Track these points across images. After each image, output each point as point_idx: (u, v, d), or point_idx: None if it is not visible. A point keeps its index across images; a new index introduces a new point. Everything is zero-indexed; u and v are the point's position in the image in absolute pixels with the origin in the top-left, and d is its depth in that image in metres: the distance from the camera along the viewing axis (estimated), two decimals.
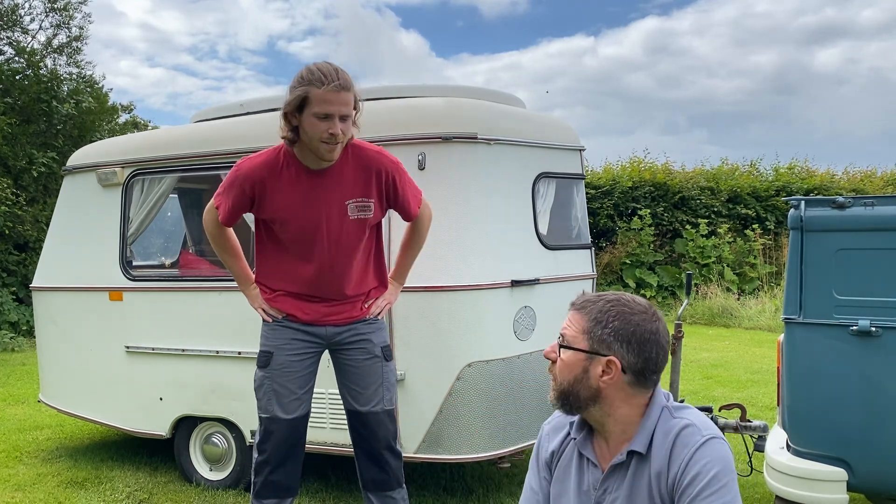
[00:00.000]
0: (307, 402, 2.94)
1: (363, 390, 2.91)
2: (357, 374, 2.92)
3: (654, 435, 1.60)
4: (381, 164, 2.74)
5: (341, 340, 2.92)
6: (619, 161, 15.85)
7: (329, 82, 2.49)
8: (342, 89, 2.51)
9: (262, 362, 2.89)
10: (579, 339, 1.62)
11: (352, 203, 2.71)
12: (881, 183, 15.63)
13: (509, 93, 4.46)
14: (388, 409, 2.95)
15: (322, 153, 2.60)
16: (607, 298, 1.63)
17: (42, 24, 13.29)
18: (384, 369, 2.93)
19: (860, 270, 2.99)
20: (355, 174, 2.72)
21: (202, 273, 4.80)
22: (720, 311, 11.98)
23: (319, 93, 2.50)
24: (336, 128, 2.52)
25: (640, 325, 1.59)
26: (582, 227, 4.61)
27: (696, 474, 1.50)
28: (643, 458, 1.60)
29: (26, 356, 9.34)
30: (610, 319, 1.60)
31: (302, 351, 2.89)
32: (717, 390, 7.03)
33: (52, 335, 4.92)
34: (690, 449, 1.53)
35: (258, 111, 4.47)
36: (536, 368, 3.94)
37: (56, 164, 11.52)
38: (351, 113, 2.58)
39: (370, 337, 2.92)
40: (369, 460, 2.95)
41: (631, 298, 1.64)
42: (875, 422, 2.95)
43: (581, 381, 1.62)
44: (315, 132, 2.54)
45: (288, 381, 2.86)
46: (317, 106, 2.51)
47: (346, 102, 2.53)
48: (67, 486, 4.47)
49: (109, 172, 4.59)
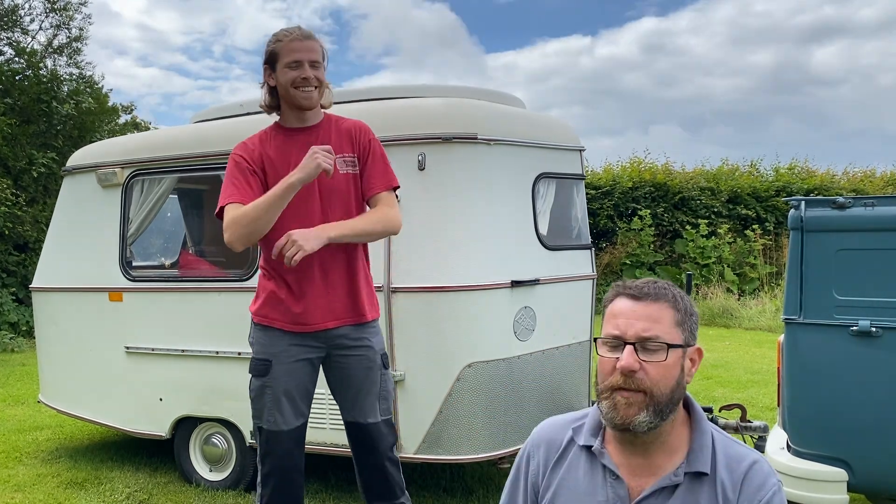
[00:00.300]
0: (307, 410, 2.84)
1: (361, 401, 2.81)
2: (357, 383, 2.81)
3: (716, 455, 1.45)
4: (359, 127, 2.85)
5: (343, 344, 2.79)
6: (619, 161, 15.88)
7: (292, 34, 2.70)
8: (306, 38, 2.70)
9: (260, 371, 2.76)
10: (674, 333, 1.44)
11: (339, 158, 2.76)
12: (881, 183, 15.63)
13: (509, 93, 4.46)
14: (387, 418, 2.86)
15: (299, 100, 2.71)
16: (662, 283, 1.49)
17: (42, 25, 13.33)
18: (383, 378, 2.84)
19: (860, 271, 2.99)
20: (338, 136, 2.81)
21: (202, 273, 4.80)
22: (720, 311, 11.99)
23: (286, 44, 2.69)
24: (307, 72, 2.68)
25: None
26: (582, 227, 4.61)
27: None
28: (700, 479, 1.43)
29: (26, 357, 9.33)
30: (689, 306, 1.47)
31: (303, 356, 2.77)
32: (717, 391, 7.03)
33: (51, 336, 4.92)
34: (767, 493, 1.40)
35: (258, 111, 4.46)
36: (536, 369, 3.94)
37: (56, 165, 11.52)
38: (319, 60, 2.73)
39: (371, 343, 2.81)
40: (371, 473, 2.89)
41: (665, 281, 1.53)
42: (875, 422, 2.95)
43: (679, 384, 1.44)
44: (287, 79, 2.69)
45: (290, 391, 2.75)
46: (286, 56, 2.68)
47: (311, 49, 2.70)
48: (67, 486, 4.47)
49: (109, 173, 4.59)
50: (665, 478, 1.44)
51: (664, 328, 1.43)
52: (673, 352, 1.42)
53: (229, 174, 2.73)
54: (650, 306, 1.44)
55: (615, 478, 1.47)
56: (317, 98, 2.73)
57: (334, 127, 2.82)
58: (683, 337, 1.45)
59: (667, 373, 1.42)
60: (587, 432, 1.54)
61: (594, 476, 1.49)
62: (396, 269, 3.71)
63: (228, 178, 2.72)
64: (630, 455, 1.48)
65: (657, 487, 1.44)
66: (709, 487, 1.42)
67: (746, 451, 1.47)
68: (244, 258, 4.24)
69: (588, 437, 1.53)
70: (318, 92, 2.72)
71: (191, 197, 5.41)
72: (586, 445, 1.52)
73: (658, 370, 1.41)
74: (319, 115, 2.81)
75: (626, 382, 1.41)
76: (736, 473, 1.42)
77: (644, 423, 1.40)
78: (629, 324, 1.43)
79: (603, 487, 1.47)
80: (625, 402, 1.41)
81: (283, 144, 2.77)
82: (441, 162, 3.70)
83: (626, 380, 1.41)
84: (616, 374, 1.42)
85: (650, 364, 1.41)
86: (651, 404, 1.40)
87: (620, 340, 1.43)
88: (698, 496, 1.42)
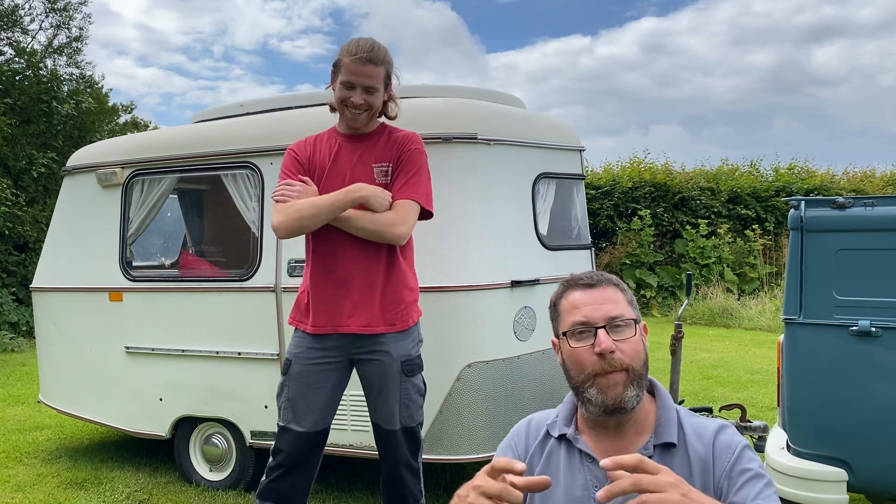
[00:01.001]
0: (326, 417, 2.82)
1: (381, 407, 2.82)
2: (375, 389, 2.81)
3: (683, 428, 1.51)
4: (408, 136, 2.85)
5: (360, 350, 2.79)
6: (619, 161, 15.88)
7: (356, 54, 2.66)
8: (368, 62, 2.66)
9: (284, 369, 2.85)
10: (630, 310, 1.52)
11: (377, 167, 2.78)
12: (881, 183, 15.63)
13: (509, 93, 4.46)
14: (409, 426, 2.84)
15: (346, 117, 2.76)
16: (598, 271, 1.59)
17: (42, 25, 13.31)
18: (404, 385, 2.79)
19: (860, 271, 2.99)
20: (385, 144, 2.83)
21: (202, 273, 4.80)
22: (720, 311, 11.98)
23: (347, 62, 2.67)
24: (357, 97, 2.68)
25: None
26: (582, 227, 4.61)
27: (754, 475, 1.42)
28: (670, 450, 1.49)
29: (26, 357, 9.33)
30: (625, 285, 1.56)
31: (321, 360, 2.78)
32: (717, 391, 7.03)
33: (51, 336, 4.92)
34: (736, 448, 1.46)
35: (258, 111, 4.47)
36: (537, 369, 3.94)
37: (56, 165, 11.52)
38: (377, 86, 2.71)
39: (389, 349, 2.77)
40: (388, 476, 2.92)
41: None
42: (875, 422, 2.95)
43: (646, 356, 1.53)
44: (339, 96, 2.73)
45: (304, 393, 2.78)
46: (343, 74, 2.70)
47: (369, 75, 2.68)
48: (67, 486, 4.47)
49: (109, 173, 4.59)
50: (636, 453, 1.49)
51: (623, 307, 1.51)
52: (637, 327, 1.51)
53: (283, 169, 2.83)
54: (605, 290, 1.52)
55: (591, 460, 1.52)
56: (363, 120, 2.77)
57: (386, 136, 2.84)
58: (636, 313, 1.54)
59: (637, 347, 1.49)
60: (560, 423, 1.59)
61: (571, 462, 1.55)
62: None
63: (282, 173, 2.82)
64: (603, 438, 1.54)
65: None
66: (680, 457, 1.48)
67: (710, 420, 1.54)
68: (244, 258, 4.24)
69: (562, 426, 1.59)
70: (366, 115, 2.76)
71: (191, 197, 5.41)
72: (561, 434, 1.58)
73: (630, 346, 1.48)
74: (374, 125, 2.85)
75: (606, 366, 1.47)
76: (705, 438, 1.48)
77: (633, 398, 1.47)
78: (594, 308, 1.50)
79: (581, 471, 1.53)
80: (611, 383, 1.47)
81: (335, 148, 2.83)
82: (441, 162, 3.70)
83: (606, 363, 1.46)
84: (594, 360, 1.48)
85: (622, 342, 1.48)
86: (634, 379, 1.48)
87: (590, 326, 1.49)
88: (670, 466, 1.45)
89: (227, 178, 4.28)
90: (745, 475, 1.42)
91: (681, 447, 1.49)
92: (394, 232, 2.67)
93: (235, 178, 4.23)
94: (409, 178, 2.74)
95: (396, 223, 2.68)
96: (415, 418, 2.85)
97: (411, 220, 2.73)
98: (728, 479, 1.44)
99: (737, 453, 1.45)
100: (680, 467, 1.47)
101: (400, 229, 2.68)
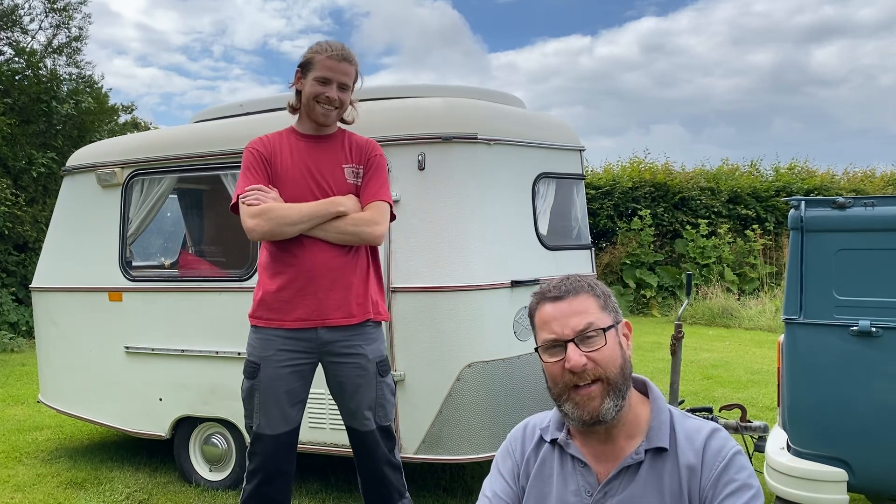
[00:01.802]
0: (296, 417, 2.83)
1: (356, 409, 2.81)
2: (349, 391, 2.80)
3: (675, 431, 1.49)
4: (370, 143, 2.92)
5: (333, 350, 2.77)
6: (619, 161, 15.88)
7: (332, 52, 2.74)
8: (343, 60, 2.74)
9: (249, 373, 2.79)
10: (603, 317, 1.49)
11: (348, 168, 2.82)
12: (881, 183, 15.64)
13: (509, 93, 4.46)
14: (385, 425, 2.85)
15: (317, 114, 2.77)
16: (574, 277, 1.56)
17: (42, 25, 13.31)
18: (379, 385, 2.81)
19: (860, 271, 2.98)
20: (350, 147, 2.88)
21: (202, 273, 4.80)
22: (720, 311, 11.98)
23: (322, 58, 2.73)
24: (332, 93, 2.73)
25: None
26: (582, 227, 4.61)
27: (740, 486, 1.41)
28: (662, 455, 1.48)
29: (26, 357, 9.33)
30: (604, 287, 1.55)
31: (292, 362, 2.76)
32: (717, 391, 7.02)
33: (51, 336, 4.92)
34: (726, 454, 1.45)
35: (258, 111, 4.47)
36: (536, 369, 3.93)
37: (56, 165, 11.52)
38: (349, 84, 2.78)
39: (364, 351, 2.78)
40: (369, 477, 2.90)
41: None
42: (875, 422, 2.95)
43: (625, 359, 1.50)
44: (312, 92, 2.75)
45: (277, 397, 2.76)
46: (318, 70, 2.73)
47: (345, 72, 2.75)
48: (67, 486, 4.46)
49: (109, 173, 4.59)
50: (627, 458, 1.49)
51: (594, 315, 1.49)
52: (608, 334, 1.48)
53: (246, 165, 2.80)
54: (573, 301, 1.50)
55: (583, 465, 1.52)
56: (334, 118, 2.81)
57: (347, 139, 2.89)
58: (612, 317, 1.51)
59: (611, 354, 1.47)
60: (552, 428, 1.59)
61: (564, 467, 1.55)
62: (396, 268, 3.71)
63: (245, 170, 2.79)
64: (595, 443, 1.53)
65: (621, 468, 1.49)
66: (671, 462, 1.47)
67: (704, 423, 1.52)
68: (244, 258, 4.24)
69: (554, 431, 1.58)
70: (336, 113, 2.80)
71: (191, 197, 5.41)
72: (553, 439, 1.58)
73: (603, 355, 1.46)
74: (334, 128, 2.89)
75: (579, 379, 1.46)
76: (696, 443, 1.47)
77: (611, 409, 1.46)
78: (562, 324, 1.48)
79: (573, 476, 1.53)
80: (585, 397, 1.46)
81: (297, 148, 2.83)
82: (441, 162, 3.70)
83: (579, 376, 1.46)
84: (566, 374, 1.47)
85: (594, 353, 1.46)
86: (610, 389, 1.46)
87: (560, 342, 1.48)
88: (661, 471, 1.47)
89: (226, 178, 4.28)
90: (730, 486, 1.41)
91: (672, 451, 1.48)
92: (374, 231, 2.76)
93: (235, 178, 4.23)
94: (380, 182, 2.84)
95: (375, 222, 2.77)
96: (389, 417, 2.88)
97: (386, 221, 2.82)
98: (713, 489, 1.43)
99: (726, 461, 1.44)
100: (670, 472, 1.46)
101: (379, 228, 2.78)
